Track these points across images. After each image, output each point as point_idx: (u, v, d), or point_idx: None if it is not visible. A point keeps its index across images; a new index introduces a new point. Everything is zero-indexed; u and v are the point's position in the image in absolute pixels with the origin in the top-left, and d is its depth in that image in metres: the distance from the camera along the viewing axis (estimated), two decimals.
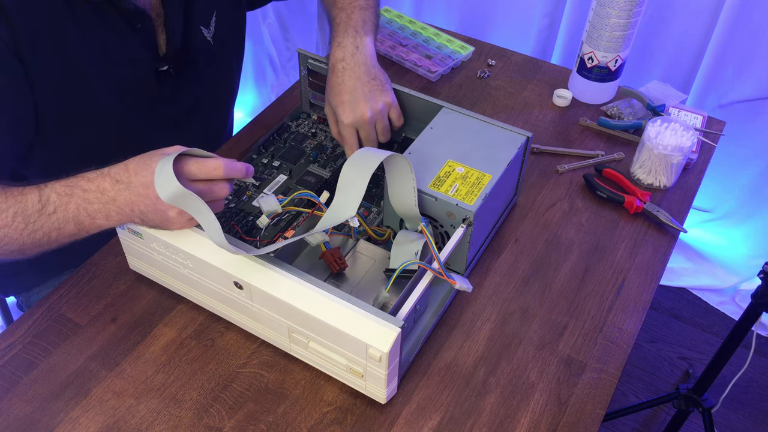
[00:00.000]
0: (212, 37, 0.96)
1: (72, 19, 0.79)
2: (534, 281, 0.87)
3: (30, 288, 1.06)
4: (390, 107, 0.90)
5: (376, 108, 0.89)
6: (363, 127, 0.89)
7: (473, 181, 0.80)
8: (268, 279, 0.70)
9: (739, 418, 1.59)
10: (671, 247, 0.92)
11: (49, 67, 0.79)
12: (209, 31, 0.95)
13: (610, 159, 1.04)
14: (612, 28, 1.05)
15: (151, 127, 0.95)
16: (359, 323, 0.66)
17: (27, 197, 0.71)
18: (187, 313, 0.81)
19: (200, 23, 0.93)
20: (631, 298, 0.85)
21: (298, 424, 0.72)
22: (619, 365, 0.78)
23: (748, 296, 1.41)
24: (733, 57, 1.51)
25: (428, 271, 0.73)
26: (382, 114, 0.90)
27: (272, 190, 0.93)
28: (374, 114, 0.89)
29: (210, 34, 0.95)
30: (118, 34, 0.84)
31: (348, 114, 0.88)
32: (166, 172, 0.68)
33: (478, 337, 0.80)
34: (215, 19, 0.96)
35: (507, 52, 1.25)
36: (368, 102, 0.88)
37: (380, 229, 0.85)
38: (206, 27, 0.95)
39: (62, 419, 0.71)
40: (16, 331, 0.79)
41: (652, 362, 1.70)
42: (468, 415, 0.73)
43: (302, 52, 0.98)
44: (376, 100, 0.89)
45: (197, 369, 0.76)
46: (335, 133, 0.93)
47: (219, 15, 0.96)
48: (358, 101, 0.88)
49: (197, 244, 0.73)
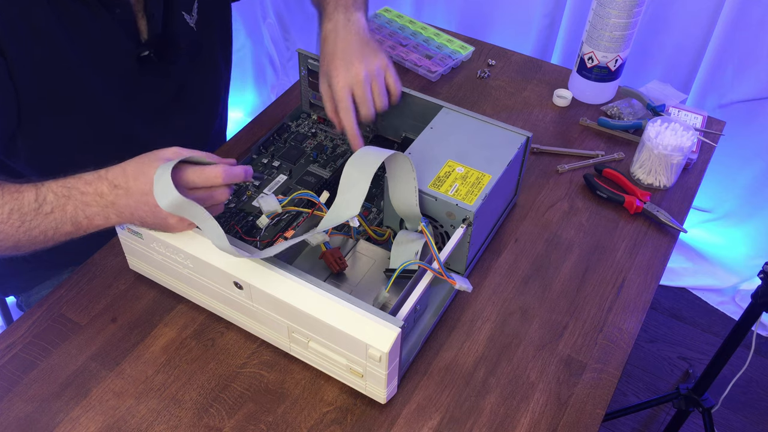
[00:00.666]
0: (195, 23, 0.95)
1: (50, 5, 0.78)
2: (534, 281, 0.87)
3: (30, 288, 1.06)
4: (386, 70, 0.87)
5: (372, 68, 0.85)
6: (358, 87, 0.85)
7: (473, 181, 0.80)
8: (268, 279, 0.70)
9: (739, 418, 1.59)
10: (671, 247, 0.92)
11: (28, 53, 0.78)
12: (192, 18, 0.94)
13: (610, 159, 1.04)
14: (612, 28, 1.05)
15: (135, 115, 0.94)
16: (359, 323, 0.66)
17: (24, 195, 0.70)
18: (187, 313, 0.81)
19: (182, 8, 0.93)
20: (631, 298, 0.85)
21: (298, 424, 0.72)
22: (619, 365, 0.78)
23: (748, 296, 1.41)
24: (733, 57, 1.51)
25: (428, 271, 0.73)
26: (378, 75, 0.86)
27: (272, 190, 0.93)
28: (369, 73, 0.85)
29: (193, 21, 0.94)
30: (96, 18, 0.83)
31: (342, 75, 0.85)
32: (165, 181, 0.67)
33: (478, 337, 0.80)
34: (198, 5, 0.95)
35: (507, 52, 1.25)
36: (362, 62, 0.85)
37: (380, 229, 0.85)
38: (188, 13, 0.93)
39: (62, 419, 0.71)
40: (16, 331, 0.79)
41: (652, 362, 1.70)
42: (468, 415, 0.73)
43: (302, 52, 0.98)
44: (371, 62, 0.86)
45: (197, 369, 0.76)
46: (330, 112, 0.89)
47: (202, 2, 0.95)
48: (351, 61, 0.85)
49: (197, 244, 0.73)
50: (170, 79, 0.97)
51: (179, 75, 0.97)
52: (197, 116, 1.07)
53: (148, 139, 0.93)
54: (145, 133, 0.74)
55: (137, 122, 0.94)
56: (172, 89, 0.98)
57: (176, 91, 0.98)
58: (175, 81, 0.98)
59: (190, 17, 0.94)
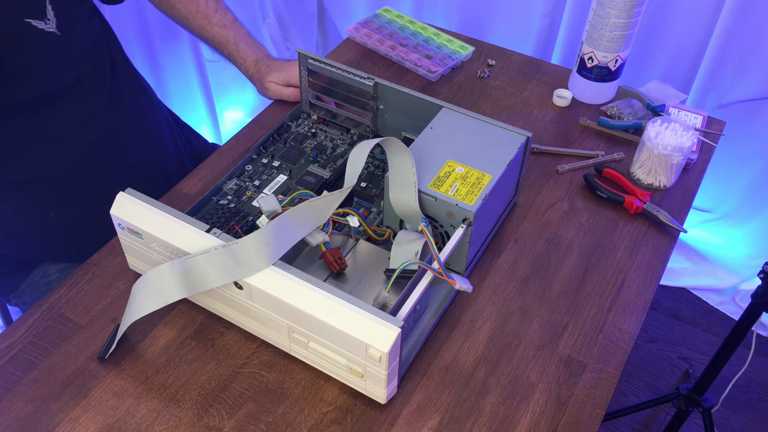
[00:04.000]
0: (57, 27, 0.90)
1: None
2: (534, 281, 0.87)
3: (16, 287, 1.07)
4: None
5: None
6: None
7: (473, 181, 0.80)
8: (268, 279, 0.70)
9: (739, 418, 1.59)
10: (671, 247, 0.92)
11: None
12: (47, 23, 0.89)
13: (610, 159, 1.04)
14: (612, 28, 1.05)
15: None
16: (359, 323, 0.66)
17: None
18: (187, 313, 0.81)
19: (26, 16, 0.86)
20: (631, 298, 0.85)
21: (298, 424, 0.72)
22: (619, 365, 0.78)
23: (748, 296, 1.41)
24: (733, 57, 1.51)
25: (428, 271, 0.73)
26: None
27: (272, 190, 0.93)
28: None
29: (51, 26, 0.89)
30: None
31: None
32: None
33: (478, 337, 0.80)
34: (52, 8, 0.89)
35: (507, 52, 1.25)
36: None
37: (380, 229, 0.85)
38: (39, 19, 0.88)
39: (62, 419, 0.71)
40: (16, 331, 0.79)
41: (652, 362, 1.70)
42: (468, 415, 0.73)
43: (302, 52, 0.98)
44: None
45: (197, 369, 0.76)
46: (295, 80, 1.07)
47: (55, 3, 0.89)
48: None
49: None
50: (30, 91, 0.91)
51: (42, 86, 0.92)
52: (93, 135, 1.00)
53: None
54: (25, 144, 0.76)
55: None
56: (37, 102, 0.92)
57: (47, 102, 0.93)
58: (38, 93, 0.92)
59: (44, 23, 0.89)
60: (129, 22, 1.74)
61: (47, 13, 0.89)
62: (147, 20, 1.77)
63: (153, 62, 1.85)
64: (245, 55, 1.13)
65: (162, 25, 1.81)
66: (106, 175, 1.02)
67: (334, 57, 1.23)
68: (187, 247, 0.73)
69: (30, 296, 1.06)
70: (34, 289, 1.06)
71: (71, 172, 0.99)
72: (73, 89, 0.96)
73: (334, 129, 1.02)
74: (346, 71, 0.95)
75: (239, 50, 1.13)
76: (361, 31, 1.25)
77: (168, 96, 1.93)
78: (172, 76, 1.91)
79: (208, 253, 0.70)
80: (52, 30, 0.90)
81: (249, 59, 1.13)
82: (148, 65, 1.84)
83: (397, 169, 0.79)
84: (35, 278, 1.06)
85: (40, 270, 1.06)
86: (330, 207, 0.77)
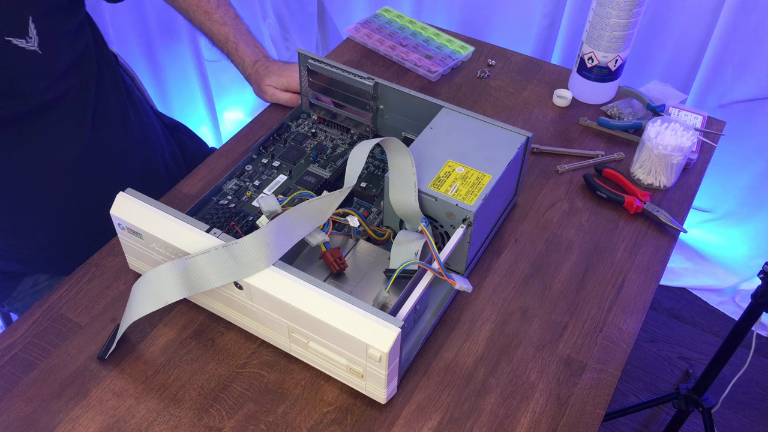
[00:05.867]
0: (39, 46, 0.89)
1: None
2: (534, 281, 0.87)
3: (8, 295, 1.07)
4: None
5: None
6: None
7: (473, 181, 0.80)
8: (268, 279, 0.70)
9: (739, 418, 1.59)
10: (671, 247, 0.92)
11: None
12: (29, 41, 0.88)
13: (610, 159, 1.04)
14: (612, 28, 1.05)
15: None
16: (359, 323, 0.66)
17: None
18: (187, 313, 0.81)
19: (7, 34, 0.85)
20: (631, 298, 0.85)
21: (298, 424, 0.72)
22: (619, 365, 0.78)
23: (748, 296, 1.41)
24: (733, 57, 1.51)
25: (428, 271, 0.73)
26: None
27: (272, 190, 0.93)
28: None
29: (33, 45, 0.88)
30: None
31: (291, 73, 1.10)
32: None
33: (478, 337, 0.80)
34: (35, 27, 0.88)
35: (507, 52, 1.25)
36: None
37: (380, 229, 0.85)
38: (20, 38, 0.87)
39: (62, 419, 0.71)
40: (16, 331, 0.79)
41: (652, 362, 1.70)
42: (468, 415, 0.73)
43: (302, 52, 0.98)
44: None
45: (197, 369, 0.76)
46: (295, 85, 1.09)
47: (39, 21, 0.88)
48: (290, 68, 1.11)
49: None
50: (13, 112, 0.90)
51: (22, 103, 0.91)
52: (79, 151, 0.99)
53: None
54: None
55: None
56: (21, 124, 0.92)
57: (31, 123, 0.92)
58: (21, 113, 0.91)
59: (25, 41, 0.88)
60: (129, 21, 1.74)
61: (29, 31, 0.87)
62: (147, 20, 1.77)
63: (153, 62, 1.85)
64: (244, 55, 1.12)
65: (162, 25, 1.81)
66: (94, 189, 1.00)
67: (334, 57, 1.23)
68: (187, 247, 0.73)
69: (21, 303, 1.06)
70: (26, 296, 1.06)
71: (57, 188, 0.97)
72: (56, 105, 0.94)
73: (334, 129, 1.02)
74: (346, 71, 0.95)
75: (238, 49, 1.13)
76: (361, 31, 1.25)
77: (168, 96, 1.93)
78: (172, 76, 1.91)
79: (208, 253, 0.70)
80: (33, 48, 0.88)
81: (247, 59, 1.12)
82: (148, 65, 1.84)
83: (397, 169, 0.79)
84: (26, 287, 1.06)
85: (30, 279, 1.06)
86: (330, 207, 0.77)
